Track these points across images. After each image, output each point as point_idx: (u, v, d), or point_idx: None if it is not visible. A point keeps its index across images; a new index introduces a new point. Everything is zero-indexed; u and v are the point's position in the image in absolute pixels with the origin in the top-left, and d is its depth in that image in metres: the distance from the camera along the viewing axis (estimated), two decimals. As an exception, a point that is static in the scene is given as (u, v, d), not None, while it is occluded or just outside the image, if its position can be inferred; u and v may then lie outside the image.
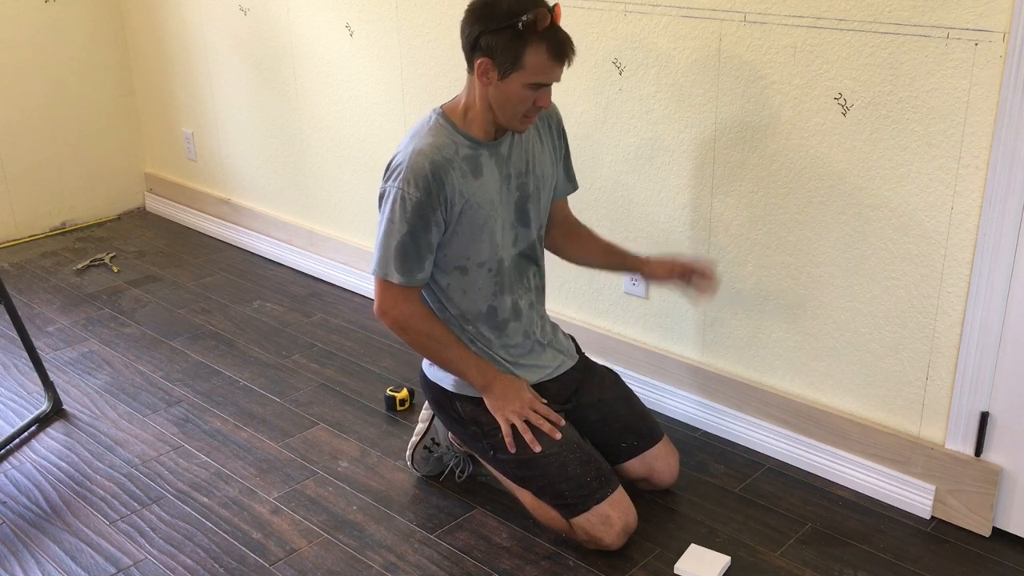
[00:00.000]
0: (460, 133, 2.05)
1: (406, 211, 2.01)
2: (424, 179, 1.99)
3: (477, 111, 2.05)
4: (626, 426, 2.26)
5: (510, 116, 2.01)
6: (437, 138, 2.03)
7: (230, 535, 2.20)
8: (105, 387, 2.86)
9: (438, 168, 2.00)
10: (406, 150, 2.04)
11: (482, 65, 1.96)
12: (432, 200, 2.01)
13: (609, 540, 2.07)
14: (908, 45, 1.99)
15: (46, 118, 4.01)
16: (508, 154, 2.11)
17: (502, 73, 1.95)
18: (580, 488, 2.07)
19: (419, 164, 2.00)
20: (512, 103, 1.99)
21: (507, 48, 1.92)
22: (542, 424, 2.11)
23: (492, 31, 1.92)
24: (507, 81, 1.96)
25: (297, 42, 3.38)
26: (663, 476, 2.29)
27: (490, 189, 2.08)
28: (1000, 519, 2.16)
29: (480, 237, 2.09)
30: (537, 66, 1.94)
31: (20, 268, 3.76)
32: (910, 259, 2.12)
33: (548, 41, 1.93)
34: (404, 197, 2.00)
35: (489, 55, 1.95)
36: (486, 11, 1.94)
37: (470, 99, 2.05)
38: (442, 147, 2.02)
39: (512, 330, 2.19)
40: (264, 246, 3.83)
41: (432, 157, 2.00)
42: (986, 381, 2.07)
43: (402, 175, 2.00)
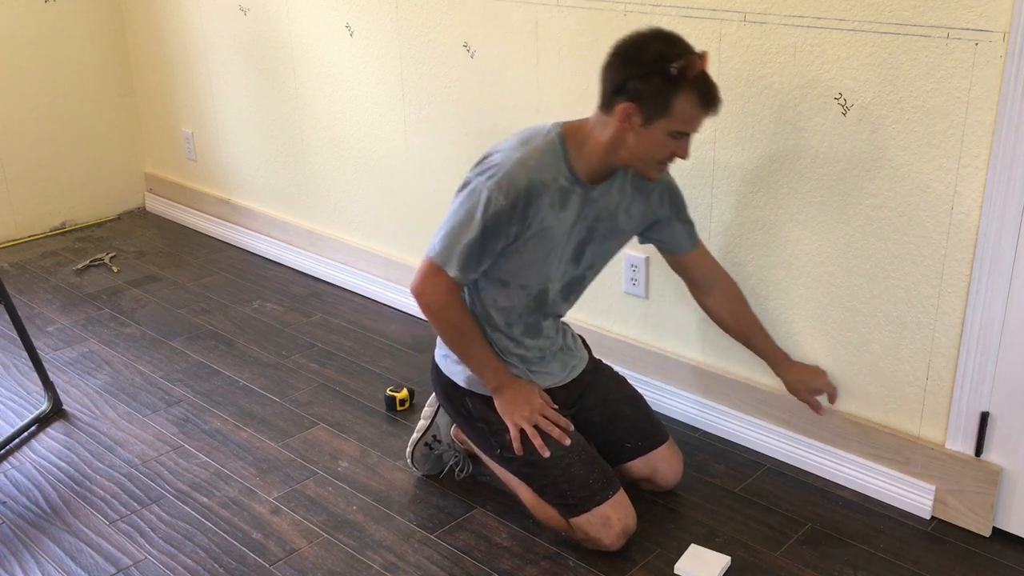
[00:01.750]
0: (567, 164, 1.99)
1: (486, 214, 1.94)
2: (516, 191, 1.93)
3: (596, 150, 1.98)
4: (631, 427, 2.26)
5: (646, 163, 1.96)
6: (545, 157, 1.97)
7: (230, 535, 2.20)
8: (105, 387, 2.86)
9: (532, 187, 1.95)
10: (510, 154, 1.97)
11: (626, 110, 1.89)
12: (513, 214, 1.95)
13: (608, 541, 2.08)
14: (908, 45, 1.99)
15: (46, 118, 4.02)
16: (596, 199, 2.06)
17: (647, 119, 1.89)
18: (582, 489, 2.07)
19: (517, 175, 1.94)
20: (652, 150, 1.94)
21: (656, 94, 1.87)
22: (551, 430, 2.10)
23: (641, 76, 1.87)
24: (651, 128, 1.90)
25: (297, 42, 3.38)
26: (666, 477, 2.29)
27: (565, 224, 2.04)
28: (1000, 519, 2.16)
29: (536, 264, 2.06)
30: (685, 114, 1.89)
31: (20, 268, 3.76)
32: (910, 259, 2.12)
33: (699, 89, 1.88)
34: (490, 200, 1.93)
35: (635, 100, 1.88)
36: (635, 54, 1.89)
37: (595, 136, 1.98)
38: (545, 168, 1.97)
39: (529, 344, 2.18)
40: (264, 246, 3.83)
41: (532, 174, 1.95)
42: (986, 381, 2.07)
43: (496, 178, 1.94)
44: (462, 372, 2.18)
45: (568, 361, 2.25)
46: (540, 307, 2.15)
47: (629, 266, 2.63)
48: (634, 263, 2.61)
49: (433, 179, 3.10)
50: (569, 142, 2.00)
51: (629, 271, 2.64)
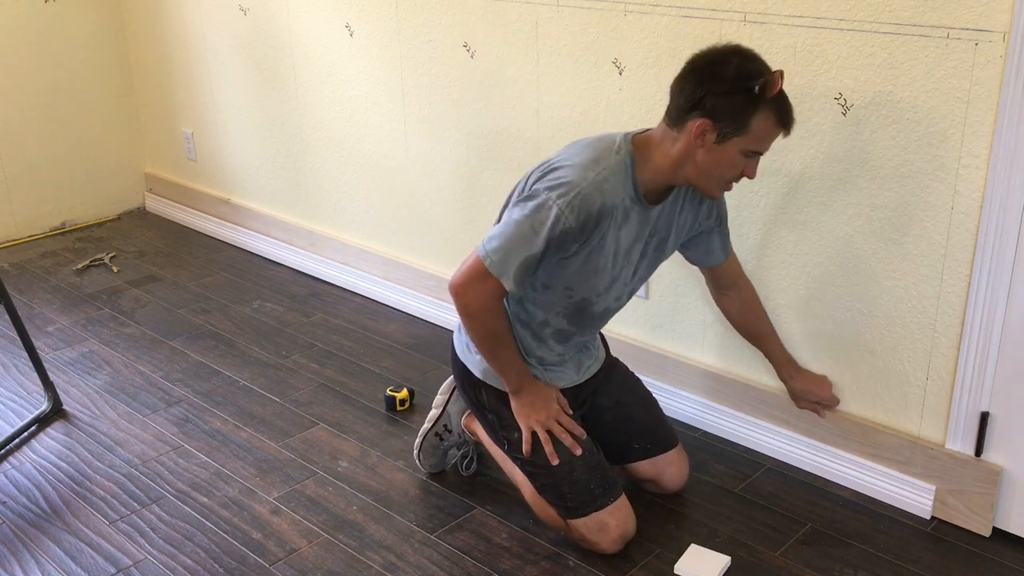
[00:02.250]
0: (633, 182, 1.94)
1: (553, 232, 1.88)
2: (587, 214, 1.88)
3: (661, 167, 1.94)
4: (642, 430, 2.26)
5: (713, 181, 1.92)
6: (619, 179, 1.92)
7: (230, 535, 2.20)
8: (105, 387, 2.86)
9: (604, 211, 1.89)
10: (584, 172, 1.89)
11: (701, 126, 1.85)
12: (581, 235, 1.91)
13: (604, 546, 2.08)
14: (908, 45, 1.99)
15: (46, 118, 4.01)
16: (654, 219, 2.02)
17: (721, 137, 1.85)
18: (582, 494, 2.07)
19: (592, 198, 1.87)
20: (722, 168, 1.89)
21: (735, 112, 1.82)
22: (564, 437, 2.09)
23: (721, 93, 1.83)
24: (725, 145, 1.86)
25: (297, 42, 3.38)
26: (671, 481, 2.28)
27: (623, 244, 2.00)
28: (1000, 519, 2.16)
29: (586, 278, 2.02)
30: (762, 132, 1.85)
31: (20, 268, 3.76)
32: (910, 259, 2.12)
33: (777, 108, 1.85)
34: (559, 218, 1.87)
35: (712, 117, 1.83)
36: (714, 71, 1.84)
37: (663, 151, 1.93)
38: (616, 191, 1.91)
39: (554, 347, 2.15)
40: (264, 246, 3.83)
41: (606, 199, 1.89)
42: (986, 381, 2.07)
43: (569, 197, 1.87)
44: (479, 363, 2.16)
45: (584, 362, 2.23)
46: (582, 320, 2.11)
47: (629, 266, 2.63)
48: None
49: (433, 179, 3.10)
50: (639, 159, 1.94)
51: (629, 271, 2.63)
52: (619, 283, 2.07)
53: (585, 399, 2.25)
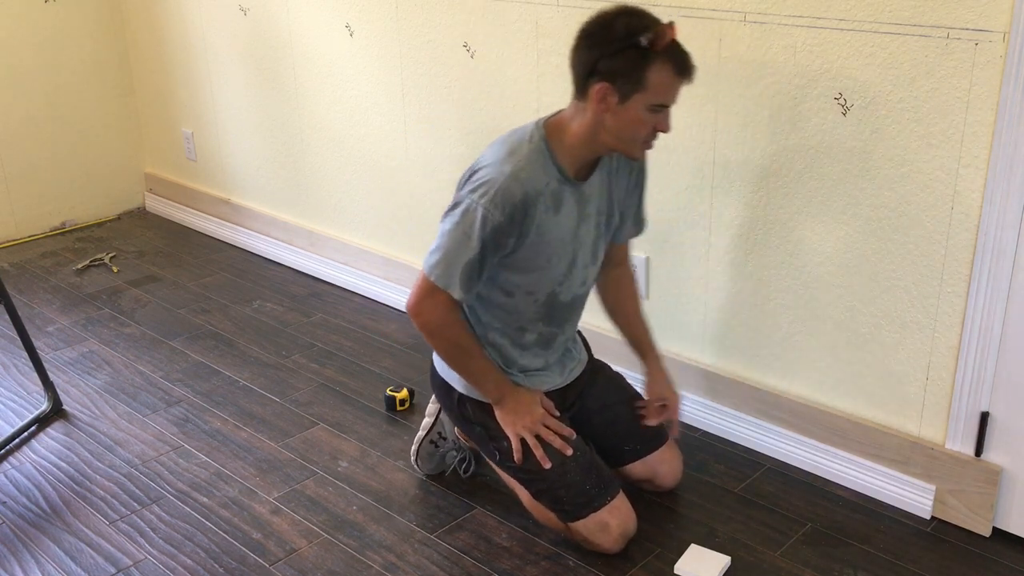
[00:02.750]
0: (554, 164, 1.96)
1: (484, 231, 1.91)
2: (512, 206, 1.90)
3: (578, 141, 1.95)
4: (630, 430, 2.26)
5: (629, 143, 1.93)
6: (535, 165, 1.94)
7: (230, 535, 2.20)
8: (105, 387, 2.86)
9: (528, 199, 1.92)
10: (500, 168, 1.93)
11: (601, 90, 1.86)
12: (512, 228, 1.93)
13: (607, 546, 2.07)
14: (908, 45, 1.99)
15: (46, 118, 4.01)
16: (590, 194, 2.04)
17: (623, 96, 1.86)
18: (578, 496, 2.06)
19: (511, 190, 1.90)
20: (632, 128, 1.90)
21: (629, 69, 1.84)
22: (553, 440, 2.09)
23: (612, 54, 1.84)
24: (628, 105, 1.86)
25: (297, 42, 3.38)
26: (666, 479, 2.28)
27: (564, 228, 2.01)
28: (1000, 519, 2.16)
29: (541, 271, 2.03)
30: (661, 85, 1.86)
31: (20, 268, 3.76)
32: (910, 259, 2.12)
33: (672, 58, 1.85)
34: (487, 217, 1.90)
35: (609, 79, 1.85)
36: (603, 34, 1.86)
37: (575, 126, 1.95)
38: (536, 177, 1.93)
39: (535, 352, 2.16)
40: (264, 246, 3.83)
41: (526, 187, 1.91)
42: (986, 381, 2.07)
43: (490, 195, 1.90)
44: (459, 378, 2.17)
45: (567, 365, 2.24)
46: (557, 318, 2.12)
47: (629, 266, 2.63)
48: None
49: (433, 179, 3.10)
50: (552, 141, 1.97)
51: (629, 271, 2.64)
52: (578, 267, 2.08)
53: (573, 402, 2.25)
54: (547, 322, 2.12)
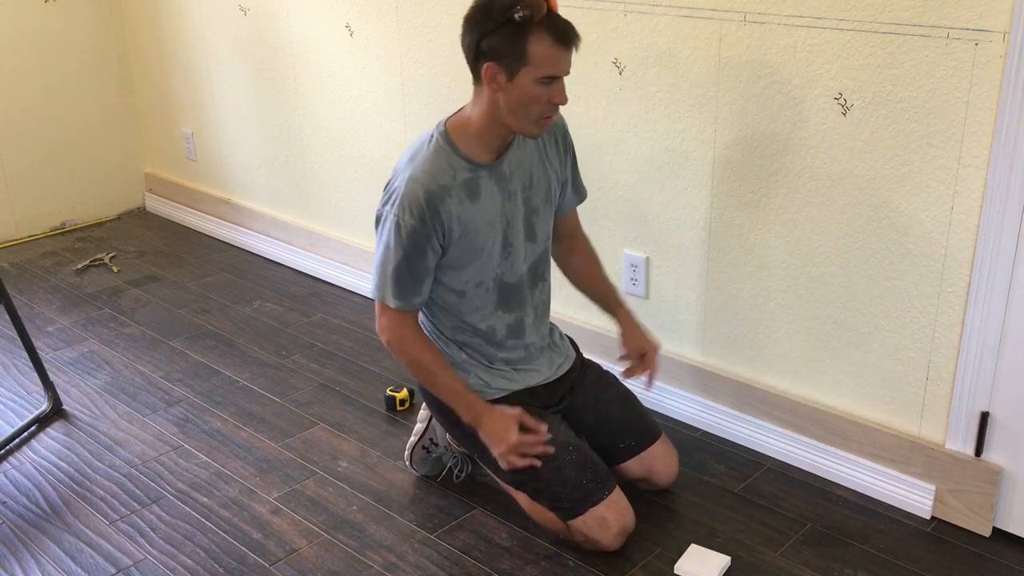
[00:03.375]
0: (460, 156, 2.00)
1: (401, 237, 1.98)
2: (419, 207, 1.96)
3: (481, 127, 1.99)
4: (623, 426, 2.26)
5: (525, 120, 1.95)
6: (434, 163, 1.99)
7: (230, 535, 2.20)
8: (105, 387, 2.86)
9: (432, 196, 1.97)
10: (403, 174, 1.99)
11: (488, 70, 1.91)
12: (426, 228, 1.98)
13: (606, 542, 2.07)
14: (908, 45, 1.99)
15: (46, 118, 4.01)
16: (510, 172, 2.06)
17: (510, 73, 1.89)
18: (576, 491, 2.06)
19: (414, 192, 1.96)
20: (525, 104, 1.92)
21: (510, 45, 1.87)
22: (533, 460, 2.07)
23: (491, 32, 1.88)
24: (517, 81, 1.90)
25: (297, 42, 3.38)
26: (662, 476, 2.28)
27: (490, 211, 2.04)
28: (1000, 519, 2.16)
29: (479, 259, 2.07)
30: (544, 57, 1.88)
31: (20, 268, 3.76)
32: (910, 259, 2.12)
33: (549, 28, 1.87)
34: (399, 224, 1.97)
35: (494, 58, 1.89)
36: (481, 15, 1.90)
37: (476, 113, 1.99)
38: (438, 173, 1.98)
39: (511, 345, 2.18)
40: (264, 246, 3.83)
41: (427, 185, 1.96)
42: (986, 381, 2.07)
43: (397, 202, 1.97)
44: None
45: (555, 359, 2.25)
46: (514, 301, 2.14)
47: (629, 266, 2.63)
48: (634, 263, 2.62)
49: (433, 179, 3.10)
50: (454, 134, 2.01)
51: (629, 271, 2.64)
52: (515, 246, 2.10)
53: (562, 397, 2.25)
54: (506, 308, 2.15)
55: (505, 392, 2.16)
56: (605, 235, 2.65)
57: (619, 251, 2.64)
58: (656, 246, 2.56)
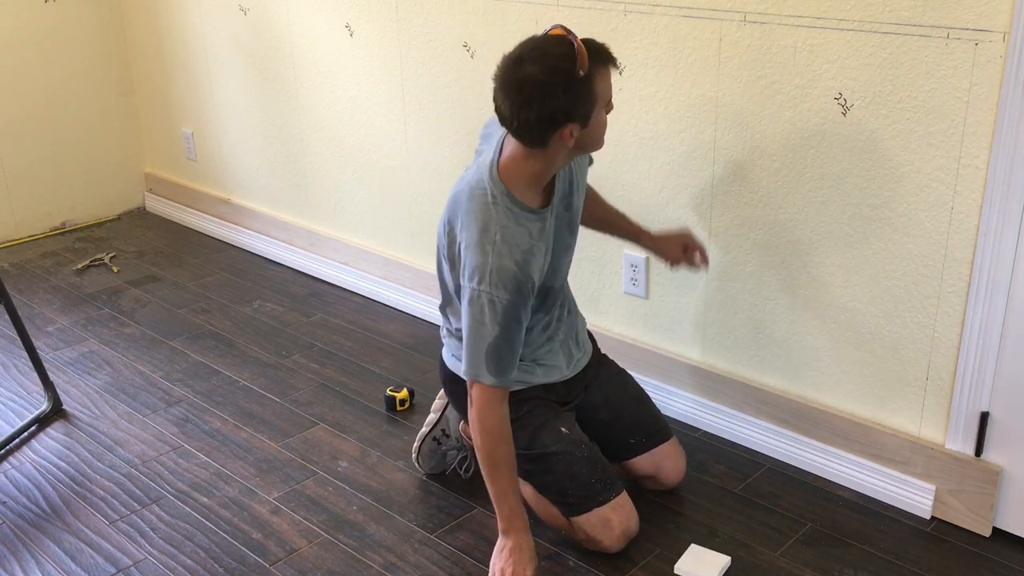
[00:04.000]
0: (526, 210, 1.95)
1: (496, 314, 1.91)
2: (514, 281, 1.91)
3: (541, 178, 1.96)
4: (635, 423, 2.26)
5: (598, 142, 1.96)
6: (512, 229, 1.92)
7: (230, 535, 2.20)
8: (105, 387, 2.86)
9: (523, 267, 1.92)
10: (483, 248, 1.90)
11: (570, 130, 1.86)
12: (524, 298, 1.93)
13: (608, 543, 2.07)
14: (908, 45, 1.99)
15: (46, 118, 4.01)
16: (559, 198, 2.04)
17: (585, 121, 1.87)
18: (583, 488, 2.07)
19: (506, 269, 1.90)
20: (599, 132, 1.94)
21: (584, 99, 1.84)
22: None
23: (564, 98, 1.82)
24: (591, 122, 1.89)
25: (297, 42, 3.38)
26: (670, 475, 2.29)
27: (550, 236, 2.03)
28: (1000, 519, 2.16)
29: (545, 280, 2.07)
30: (605, 88, 1.89)
31: (20, 268, 3.76)
32: (910, 259, 2.12)
33: (597, 62, 1.86)
34: (494, 300, 1.90)
35: (572, 119, 1.85)
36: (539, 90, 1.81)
37: (536, 166, 1.93)
38: (520, 240, 1.92)
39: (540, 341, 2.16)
40: (264, 246, 3.83)
41: (517, 259, 1.91)
42: (986, 381, 2.07)
43: (488, 280, 1.90)
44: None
45: (574, 354, 2.25)
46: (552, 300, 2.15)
47: (629, 266, 2.63)
48: (634, 263, 2.62)
49: (433, 179, 3.10)
50: (512, 187, 1.95)
51: (629, 271, 2.64)
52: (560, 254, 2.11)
53: (577, 394, 2.26)
54: (545, 311, 2.14)
55: (525, 385, 2.15)
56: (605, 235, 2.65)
57: (619, 251, 2.64)
58: (656, 246, 2.56)
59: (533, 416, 2.13)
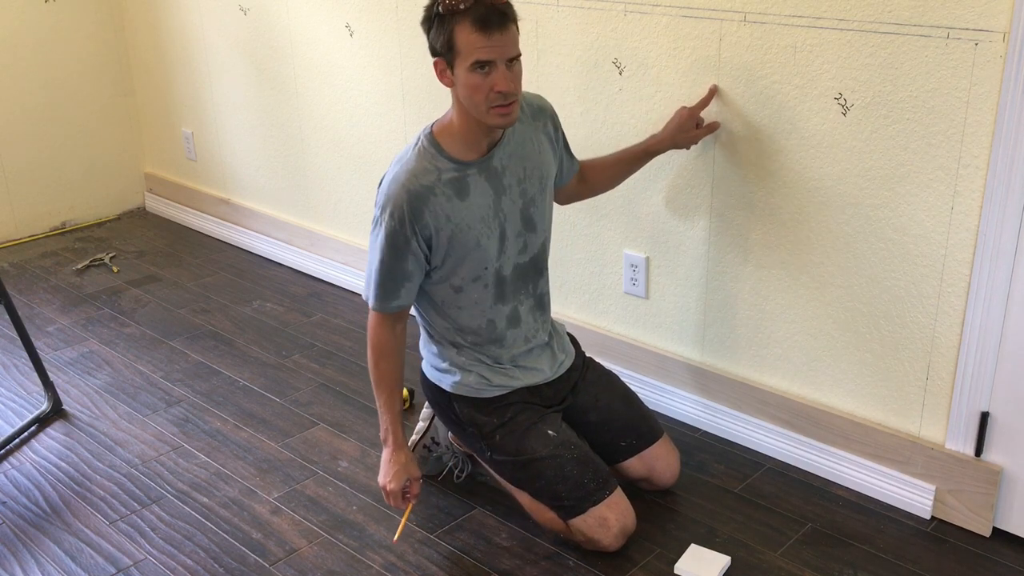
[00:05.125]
0: (445, 156, 2.00)
1: (381, 239, 2.01)
2: (399, 209, 1.98)
3: (462, 125, 2.00)
4: (625, 425, 2.26)
5: (480, 111, 1.93)
6: (418, 164, 2.00)
7: (230, 535, 2.20)
8: (105, 387, 2.86)
9: (415, 198, 1.98)
10: (388, 180, 2.02)
11: (436, 66, 1.93)
12: (406, 230, 1.99)
13: (607, 542, 2.07)
14: (908, 45, 1.99)
15: (46, 118, 4.02)
16: (503, 167, 2.06)
17: (451, 66, 1.90)
18: (577, 490, 2.07)
19: (396, 194, 1.98)
20: (470, 94, 1.90)
21: (443, 39, 1.88)
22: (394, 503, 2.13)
23: (429, 30, 1.91)
24: (457, 73, 1.90)
25: (297, 42, 3.38)
26: (663, 476, 2.28)
27: (482, 206, 2.04)
28: (1000, 519, 2.16)
29: (473, 256, 2.06)
30: (469, 44, 1.85)
31: (20, 268, 3.76)
32: (910, 259, 2.12)
33: (471, 15, 1.84)
34: (383, 225, 2.00)
35: (436, 53, 1.92)
36: (424, 15, 1.93)
37: (454, 113, 2.00)
38: (421, 174, 1.99)
39: (511, 337, 2.17)
40: (264, 246, 3.83)
41: (409, 187, 1.98)
42: (986, 381, 2.07)
43: (381, 205, 2.01)
44: (448, 378, 2.18)
45: (556, 356, 2.25)
46: (509, 293, 2.14)
47: (629, 266, 2.63)
48: (634, 263, 2.62)
49: (433, 179, 3.10)
50: (440, 136, 2.02)
51: (629, 271, 2.64)
52: (510, 238, 2.10)
53: (564, 397, 2.25)
54: (503, 300, 2.14)
55: (506, 389, 2.16)
56: (605, 235, 2.65)
57: (619, 251, 2.64)
58: (656, 246, 2.56)
59: (518, 422, 2.13)
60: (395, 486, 2.10)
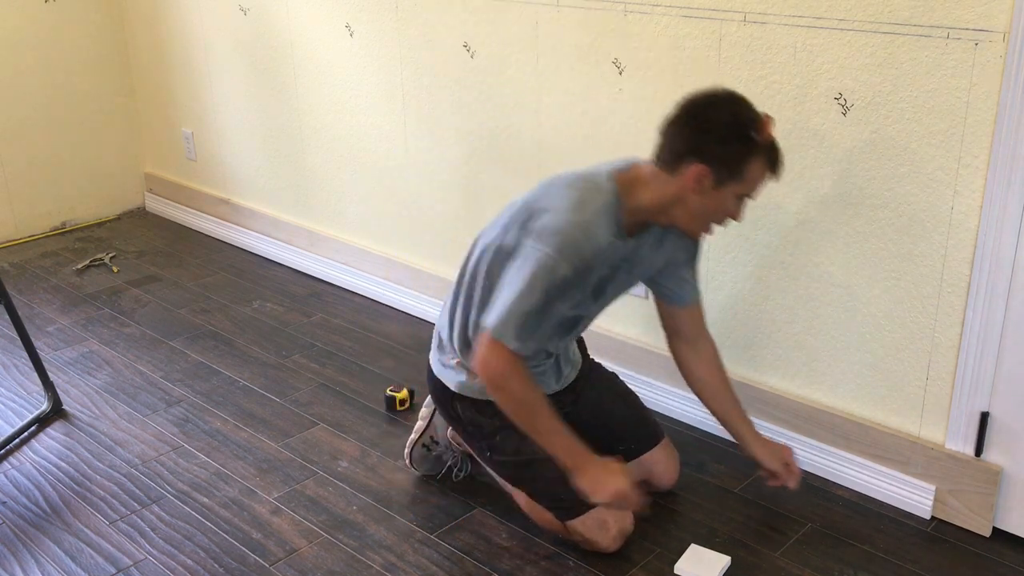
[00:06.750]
0: (617, 222, 1.92)
1: (551, 283, 1.87)
2: (580, 260, 1.87)
3: (649, 207, 1.93)
4: (624, 429, 2.26)
5: (701, 224, 1.94)
6: (603, 221, 1.90)
7: (230, 535, 2.20)
8: (105, 387, 2.86)
9: (596, 254, 1.90)
10: (569, 217, 1.87)
11: (698, 172, 1.84)
12: (577, 280, 1.91)
13: (605, 544, 2.07)
14: (908, 45, 1.99)
15: (46, 118, 4.01)
16: (632, 250, 2.01)
17: (718, 182, 1.85)
18: (575, 492, 2.06)
19: (582, 245, 1.87)
20: (716, 212, 1.91)
21: (733, 159, 1.84)
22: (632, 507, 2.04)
23: (718, 140, 1.83)
24: (720, 191, 1.86)
25: (297, 42, 3.38)
26: (662, 479, 2.29)
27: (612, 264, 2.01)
28: (1000, 519, 2.16)
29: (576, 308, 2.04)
30: (756, 179, 1.88)
31: (20, 268, 3.76)
32: (910, 259, 2.12)
33: (770, 155, 1.87)
34: (553, 268, 1.85)
35: (709, 163, 1.83)
36: (710, 116, 1.85)
37: (652, 194, 1.92)
38: (604, 234, 1.90)
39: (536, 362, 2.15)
40: (264, 246, 3.83)
41: (595, 242, 1.88)
42: (986, 381, 2.07)
43: (559, 247, 1.85)
44: (453, 377, 2.17)
45: (563, 371, 2.24)
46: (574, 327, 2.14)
47: (629, 266, 2.63)
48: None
49: (433, 179, 3.10)
50: (623, 199, 1.93)
51: (629, 271, 2.63)
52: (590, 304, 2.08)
53: (566, 404, 2.25)
54: (561, 335, 2.13)
55: None
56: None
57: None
58: (656, 246, 2.56)
59: None
60: (631, 486, 1.98)
